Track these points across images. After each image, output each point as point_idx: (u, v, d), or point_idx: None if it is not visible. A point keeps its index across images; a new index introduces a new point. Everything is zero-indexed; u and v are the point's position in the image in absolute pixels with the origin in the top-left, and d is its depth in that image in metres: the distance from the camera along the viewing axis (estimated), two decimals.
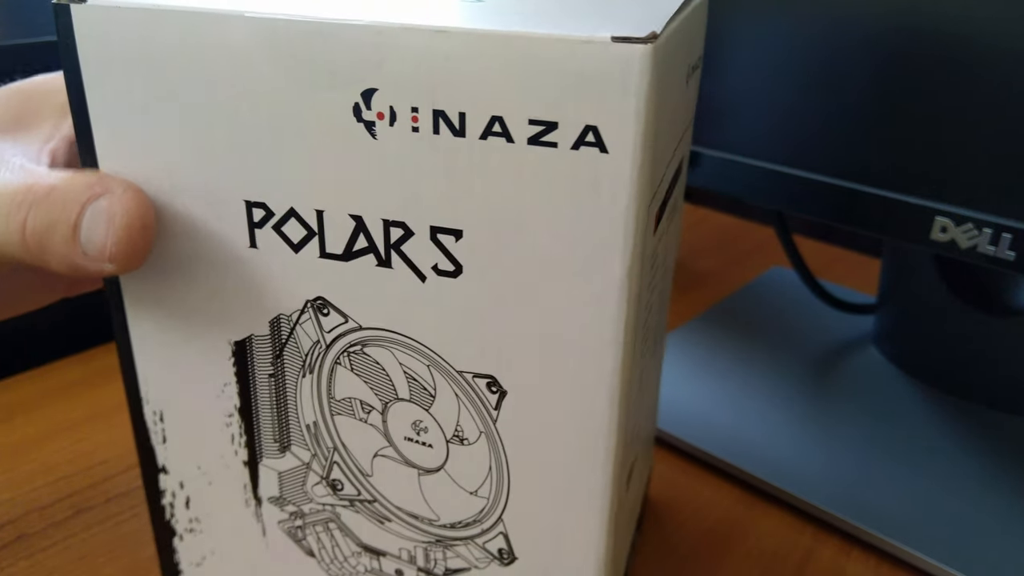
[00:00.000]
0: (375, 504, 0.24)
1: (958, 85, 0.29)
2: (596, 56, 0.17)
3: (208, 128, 0.21)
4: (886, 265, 0.42)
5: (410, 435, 0.23)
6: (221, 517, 0.26)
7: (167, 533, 0.27)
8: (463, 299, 0.21)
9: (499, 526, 0.23)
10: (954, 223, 0.30)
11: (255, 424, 0.24)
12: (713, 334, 0.44)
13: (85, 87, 0.21)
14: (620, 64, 0.17)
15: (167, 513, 0.27)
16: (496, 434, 0.22)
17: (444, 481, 0.23)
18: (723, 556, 0.31)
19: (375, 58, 0.19)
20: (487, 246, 0.20)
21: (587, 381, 0.21)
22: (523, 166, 0.19)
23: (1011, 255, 0.28)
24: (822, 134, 0.33)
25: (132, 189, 0.22)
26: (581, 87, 0.18)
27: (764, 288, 0.50)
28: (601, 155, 0.18)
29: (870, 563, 0.31)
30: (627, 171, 0.18)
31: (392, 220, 0.20)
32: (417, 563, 0.25)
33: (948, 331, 0.39)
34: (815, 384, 0.40)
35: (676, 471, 0.35)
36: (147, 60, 0.20)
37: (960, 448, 0.36)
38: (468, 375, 0.22)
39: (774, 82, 0.34)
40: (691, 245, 0.59)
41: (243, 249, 0.22)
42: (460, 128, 0.19)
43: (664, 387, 0.39)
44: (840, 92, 0.32)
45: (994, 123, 0.28)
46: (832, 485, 0.33)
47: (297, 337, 0.23)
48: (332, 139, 0.20)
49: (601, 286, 0.20)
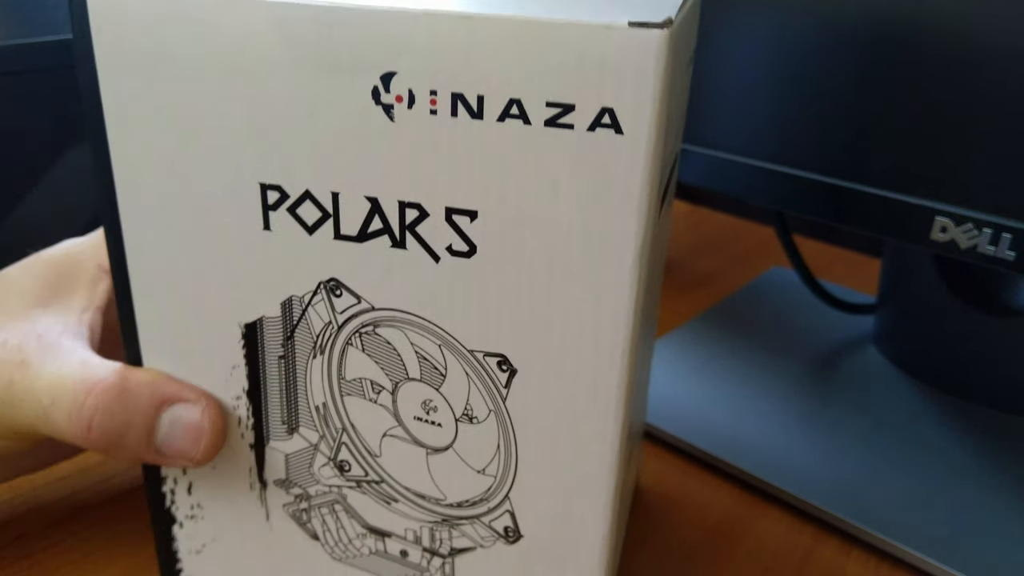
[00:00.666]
0: (382, 484, 0.25)
1: (958, 84, 0.29)
2: (614, 41, 0.18)
3: (224, 112, 0.21)
4: (886, 265, 0.43)
5: (420, 414, 0.23)
6: (224, 502, 0.26)
7: (166, 520, 0.27)
8: (476, 279, 0.21)
9: (506, 504, 0.24)
10: (954, 223, 0.30)
11: (263, 406, 0.25)
12: (713, 334, 0.45)
13: (99, 74, 0.22)
14: (637, 48, 0.18)
15: (167, 500, 0.27)
16: (505, 412, 0.23)
17: (452, 460, 0.24)
18: (723, 556, 0.31)
19: (396, 43, 0.19)
20: (501, 227, 0.21)
21: (597, 360, 0.21)
22: (539, 148, 0.19)
23: (1011, 255, 0.28)
24: (822, 134, 0.33)
25: (213, 402, 0.24)
26: (598, 70, 0.18)
27: (764, 288, 0.50)
28: (617, 136, 0.19)
29: (870, 563, 0.31)
30: (642, 152, 0.19)
31: (407, 202, 0.21)
32: (423, 543, 0.25)
33: (948, 331, 0.39)
34: (815, 384, 0.40)
35: (676, 471, 0.36)
36: (163, 46, 0.21)
37: (960, 448, 0.36)
38: (479, 354, 0.22)
39: (774, 82, 0.34)
40: (691, 245, 0.59)
41: (256, 231, 0.22)
42: (478, 111, 0.19)
43: (664, 387, 0.39)
44: (840, 92, 0.32)
45: (994, 123, 0.28)
46: (832, 485, 0.33)
47: (309, 318, 0.23)
48: (350, 122, 0.20)
49: (614, 266, 0.20)
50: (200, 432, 0.24)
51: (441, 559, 0.25)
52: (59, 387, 0.24)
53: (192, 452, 0.24)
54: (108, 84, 0.22)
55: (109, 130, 0.22)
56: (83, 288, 0.28)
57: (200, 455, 0.24)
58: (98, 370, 0.24)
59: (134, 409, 0.24)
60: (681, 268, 0.55)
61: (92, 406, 0.23)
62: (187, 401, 0.24)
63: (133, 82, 0.21)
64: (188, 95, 0.21)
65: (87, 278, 0.28)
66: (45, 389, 0.24)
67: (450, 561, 0.25)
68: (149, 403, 0.24)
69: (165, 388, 0.24)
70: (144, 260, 0.23)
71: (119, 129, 0.22)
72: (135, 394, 0.24)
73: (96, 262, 0.28)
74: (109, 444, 0.24)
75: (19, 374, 0.24)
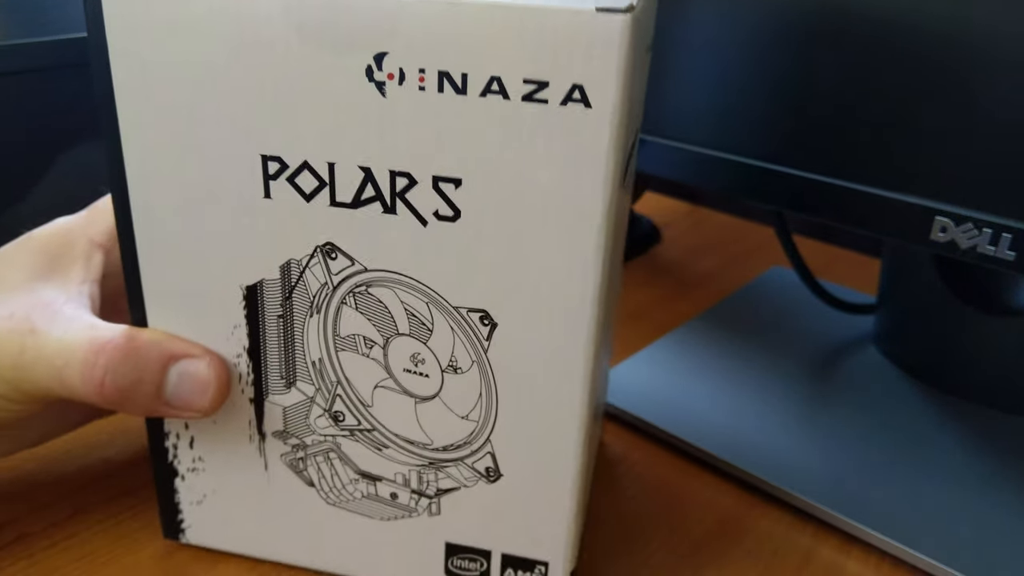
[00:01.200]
0: (374, 432, 0.27)
1: (958, 84, 0.29)
2: (583, 24, 0.21)
3: (228, 89, 0.23)
4: (886, 265, 0.43)
5: (409, 367, 0.26)
6: (225, 454, 0.29)
7: (169, 474, 0.30)
8: (461, 241, 0.24)
9: (487, 446, 0.27)
10: (954, 223, 0.30)
11: (263, 363, 0.27)
12: (713, 334, 0.45)
13: (110, 54, 0.24)
14: (604, 31, 0.21)
15: (170, 455, 0.29)
16: (487, 362, 0.26)
17: (438, 407, 0.27)
18: (723, 556, 0.31)
19: (388, 25, 0.22)
20: (483, 193, 0.23)
21: (568, 311, 0.24)
22: (517, 120, 0.22)
23: (1011, 255, 0.29)
24: (822, 134, 0.33)
25: (216, 357, 0.27)
26: (569, 51, 0.21)
27: (764, 288, 0.50)
28: (586, 110, 0.22)
29: (870, 563, 0.31)
30: (607, 123, 0.22)
31: (398, 171, 0.24)
32: (411, 485, 0.28)
33: (948, 331, 0.39)
34: (815, 384, 0.40)
35: (676, 470, 0.36)
36: (171, 27, 0.23)
37: (960, 448, 0.36)
38: (463, 310, 0.25)
39: (774, 82, 0.34)
40: (691, 245, 0.59)
41: (258, 199, 0.25)
42: (462, 87, 0.22)
43: (664, 386, 0.40)
44: (839, 92, 0.32)
45: (994, 123, 0.28)
46: (832, 485, 0.34)
47: (306, 280, 0.26)
48: (345, 98, 0.23)
49: (584, 224, 0.23)
50: (207, 384, 0.27)
51: (428, 499, 0.28)
52: (70, 349, 0.26)
53: (200, 403, 0.27)
54: (117, 65, 0.24)
55: (119, 102, 0.24)
56: (79, 261, 0.29)
57: (208, 405, 0.27)
58: (106, 332, 0.26)
59: (144, 366, 0.26)
60: (681, 268, 0.56)
61: (103, 364, 0.26)
62: (193, 356, 0.27)
63: (141, 63, 0.24)
64: (195, 71, 0.23)
65: (81, 252, 0.30)
66: (57, 352, 0.26)
67: (436, 501, 0.28)
68: (158, 359, 0.26)
69: (172, 345, 0.26)
70: (150, 227, 0.26)
71: (128, 102, 0.24)
72: (144, 352, 0.26)
73: (88, 237, 0.30)
74: (122, 399, 0.26)
75: (30, 340, 0.26)
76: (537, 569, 0.28)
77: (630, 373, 0.42)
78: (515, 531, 0.28)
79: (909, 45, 0.31)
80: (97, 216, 0.31)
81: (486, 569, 0.29)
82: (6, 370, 0.27)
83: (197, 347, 0.27)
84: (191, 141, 0.24)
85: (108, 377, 0.26)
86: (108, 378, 0.26)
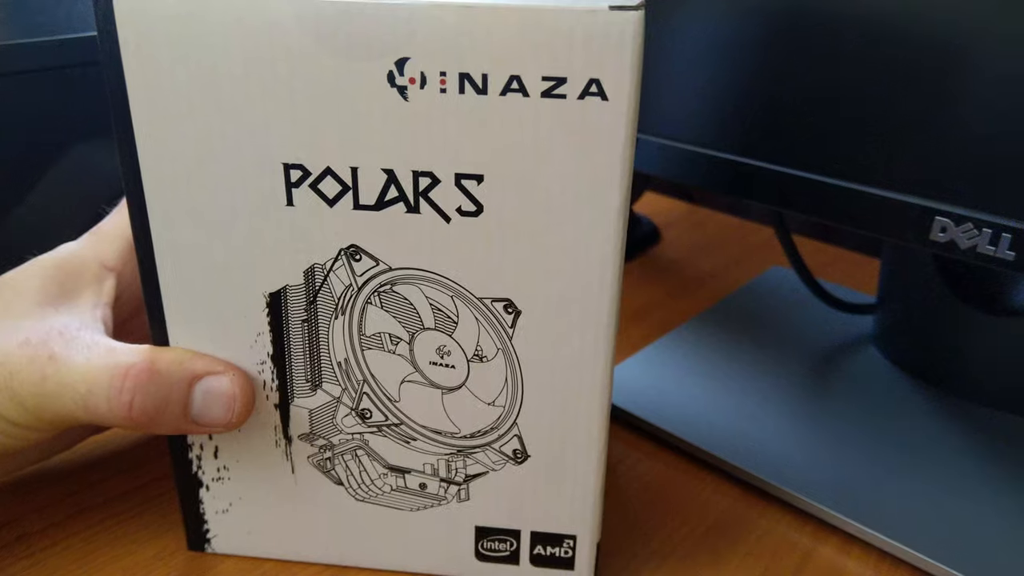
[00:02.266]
0: (401, 427, 0.28)
1: (958, 84, 0.29)
2: (598, 22, 0.22)
3: (247, 99, 0.24)
4: (886, 265, 0.43)
5: (435, 359, 0.27)
6: (250, 461, 0.29)
7: (193, 485, 0.30)
8: (483, 235, 0.25)
9: (514, 429, 0.28)
10: (954, 223, 0.30)
11: (287, 368, 0.28)
12: (713, 334, 0.45)
13: (124, 66, 0.24)
14: (618, 27, 0.22)
15: (194, 466, 0.30)
16: (512, 349, 0.27)
17: (465, 396, 0.28)
18: (723, 556, 0.31)
19: (408, 31, 0.23)
20: (505, 187, 0.25)
21: (589, 293, 0.26)
22: (537, 116, 0.24)
23: (1011, 255, 0.29)
24: (821, 134, 0.33)
25: (239, 370, 0.27)
26: (586, 47, 0.23)
27: (764, 288, 0.51)
28: (602, 103, 0.23)
29: (870, 562, 0.31)
30: (623, 114, 0.23)
31: (421, 170, 0.25)
32: (440, 474, 0.29)
33: (948, 331, 0.39)
34: (815, 384, 0.40)
35: (676, 470, 0.36)
36: (187, 39, 0.23)
37: (960, 448, 0.36)
38: (487, 300, 0.26)
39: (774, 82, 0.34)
40: (691, 245, 0.60)
41: (280, 208, 0.25)
42: (483, 87, 0.23)
43: (664, 386, 0.40)
44: (839, 92, 0.32)
45: (994, 123, 0.28)
46: (832, 485, 0.34)
47: (330, 283, 0.26)
48: (367, 103, 0.24)
49: (601, 213, 0.25)
50: (232, 399, 0.27)
51: (457, 486, 0.29)
52: (93, 375, 0.26)
53: (226, 418, 0.27)
54: (132, 78, 0.24)
55: (134, 115, 0.24)
56: (90, 286, 0.29)
57: (235, 419, 0.27)
58: (128, 355, 0.26)
59: (169, 386, 0.26)
60: (681, 268, 0.56)
61: (130, 388, 0.26)
62: (216, 373, 0.27)
63: (157, 74, 0.24)
64: (210, 85, 0.24)
65: (92, 276, 0.30)
66: (80, 379, 0.26)
67: (465, 487, 0.29)
68: (182, 379, 0.26)
69: (194, 364, 0.27)
70: (170, 241, 0.26)
71: (144, 115, 0.24)
72: (167, 372, 0.26)
73: (98, 260, 0.30)
74: (150, 421, 0.26)
75: (51, 368, 0.26)
76: (566, 543, 0.29)
77: (630, 373, 0.42)
78: (543, 508, 0.29)
79: (909, 45, 0.31)
80: (104, 239, 0.31)
81: (515, 548, 0.30)
82: (28, 398, 0.26)
83: (219, 362, 0.27)
84: (210, 153, 0.25)
85: (136, 401, 0.26)
86: (136, 402, 0.26)
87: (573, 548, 0.30)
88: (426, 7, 0.23)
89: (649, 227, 0.62)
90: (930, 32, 0.30)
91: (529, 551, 0.30)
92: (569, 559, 0.30)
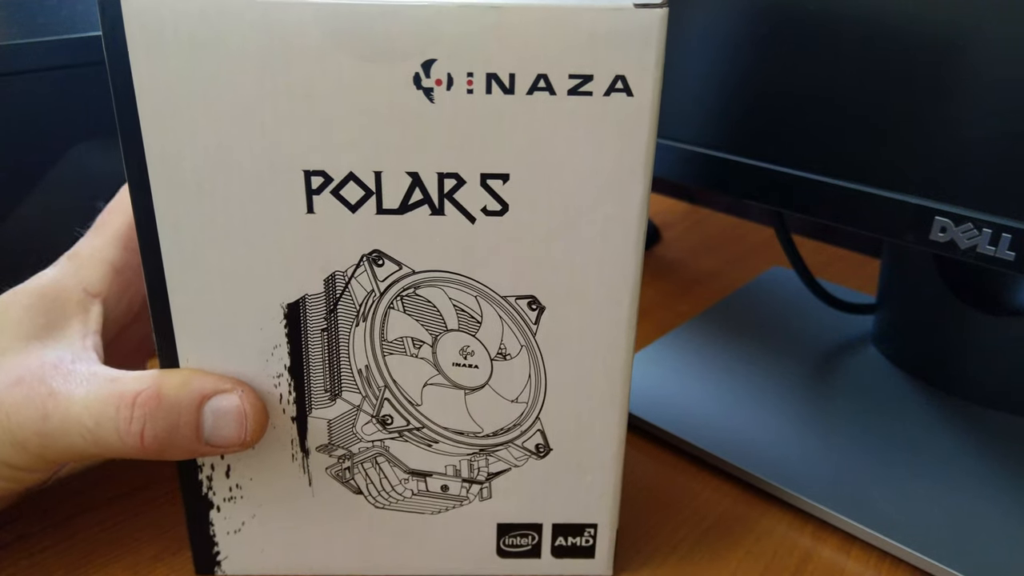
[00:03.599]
0: (423, 430, 0.28)
1: (958, 84, 0.29)
2: (624, 20, 0.23)
3: (267, 105, 0.23)
4: (886, 265, 0.43)
5: (458, 360, 0.27)
6: (266, 477, 0.29)
7: (203, 507, 0.29)
8: (508, 233, 0.25)
9: (536, 424, 0.28)
10: (954, 223, 0.30)
11: (305, 379, 0.27)
12: (713, 334, 0.45)
13: (132, 71, 0.23)
14: (643, 24, 0.23)
15: (204, 487, 0.29)
16: (535, 345, 0.27)
17: (488, 395, 0.28)
18: (723, 556, 0.31)
19: (435, 33, 0.23)
20: (530, 184, 0.25)
21: (611, 286, 0.26)
22: (563, 114, 0.24)
23: (1011, 255, 0.29)
24: (821, 134, 0.33)
25: (250, 389, 0.26)
26: (612, 45, 0.23)
27: (764, 288, 0.51)
28: (628, 99, 0.24)
29: (870, 562, 0.31)
30: (647, 110, 0.24)
31: (446, 172, 0.25)
32: (462, 475, 0.29)
33: (948, 331, 0.39)
34: (815, 384, 0.40)
35: (676, 470, 0.36)
36: (203, 43, 0.23)
37: (960, 448, 0.36)
38: (512, 298, 0.26)
39: (773, 82, 0.34)
40: (691, 245, 0.60)
41: (300, 216, 0.25)
42: (510, 87, 0.24)
43: (664, 386, 0.40)
44: (839, 92, 0.32)
45: (994, 122, 0.28)
46: (832, 485, 0.34)
47: (352, 290, 0.26)
48: (392, 107, 0.24)
49: (625, 205, 0.25)
50: (243, 416, 0.26)
51: (479, 485, 0.29)
52: (99, 407, 0.25)
53: (240, 436, 0.26)
54: (142, 77, 0.23)
55: (144, 127, 0.24)
56: (75, 315, 0.28)
57: (249, 437, 0.26)
58: (132, 383, 0.26)
59: (178, 410, 0.25)
60: (681, 268, 0.56)
61: (140, 417, 0.25)
62: (224, 391, 0.26)
63: (168, 82, 0.23)
64: (231, 87, 0.23)
65: (76, 304, 0.28)
66: (85, 413, 0.25)
67: (487, 485, 0.29)
68: (190, 401, 0.26)
69: (201, 383, 0.26)
70: (180, 253, 0.25)
71: (155, 125, 0.24)
72: (175, 396, 0.25)
73: (81, 287, 0.29)
74: (162, 448, 0.26)
75: (51, 405, 0.25)
76: (586, 532, 0.30)
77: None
78: (564, 500, 0.29)
79: (908, 45, 0.31)
80: (84, 263, 0.29)
81: (537, 541, 0.30)
82: (30, 438, 0.25)
83: (227, 380, 0.26)
84: (225, 161, 0.24)
85: (147, 429, 0.25)
86: (147, 430, 0.25)
87: (594, 536, 0.30)
88: (454, 8, 0.23)
89: (649, 227, 0.62)
90: (930, 32, 0.30)
91: (551, 543, 0.30)
92: (590, 547, 0.30)
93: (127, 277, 0.30)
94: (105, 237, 0.30)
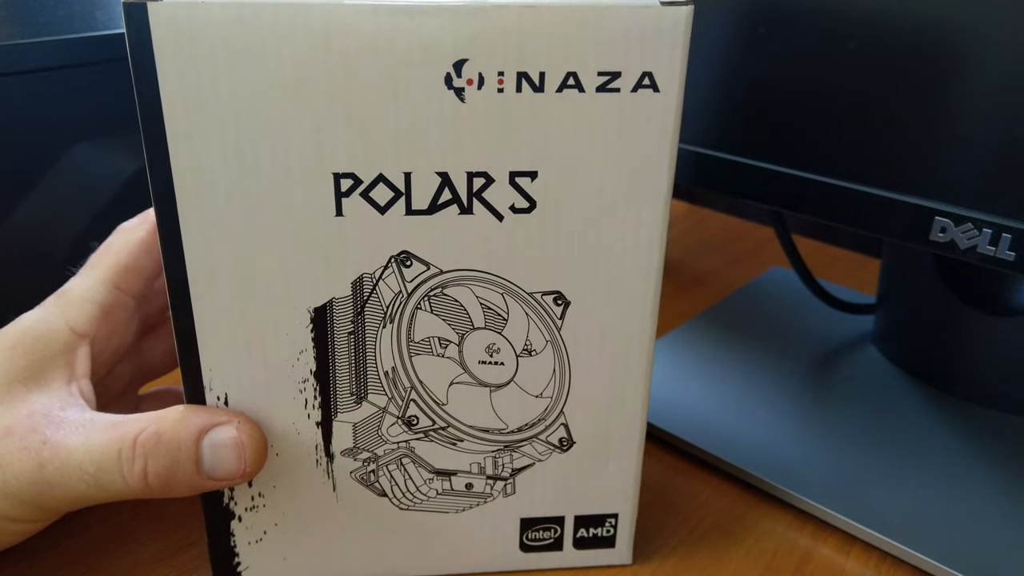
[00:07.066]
0: (448, 429, 0.28)
1: (958, 84, 0.29)
2: (652, 17, 0.24)
3: (297, 108, 0.23)
4: (886, 265, 0.43)
5: (484, 358, 0.27)
6: (288, 485, 0.29)
7: (224, 517, 0.29)
8: (536, 230, 0.26)
9: (560, 418, 0.29)
10: (954, 223, 0.30)
11: (331, 383, 0.27)
12: (713, 334, 0.45)
13: (159, 75, 0.23)
14: (670, 22, 0.24)
15: (225, 497, 0.29)
16: (560, 340, 0.27)
17: (513, 392, 0.28)
18: (723, 556, 0.31)
19: (468, 33, 0.23)
20: (558, 181, 0.25)
21: (635, 281, 0.27)
22: (591, 110, 0.25)
23: (1011, 255, 0.29)
24: (821, 134, 0.33)
25: (246, 419, 0.26)
26: (640, 42, 0.24)
27: (764, 288, 0.51)
28: (654, 95, 0.24)
29: (870, 562, 0.31)
30: (673, 105, 0.25)
31: (476, 171, 0.25)
32: (486, 472, 0.29)
33: (948, 331, 0.39)
34: (815, 384, 0.41)
35: (676, 471, 0.36)
36: (233, 47, 0.23)
37: (960, 448, 0.36)
38: (538, 294, 0.27)
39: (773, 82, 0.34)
40: (691, 245, 0.60)
41: (328, 219, 0.25)
42: (540, 85, 0.24)
43: (664, 387, 0.40)
44: (839, 92, 0.32)
45: (994, 123, 0.28)
46: (832, 485, 0.34)
47: (379, 292, 0.26)
48: (423, 107, 0.24)
49: (649, 199, 0.26)
50: (240, 447, 0.26)
51: (503, 481, 0.29)
52: (99, 452, 0.25)
53: (239, 468, 0.26)
54: (170, 81, 0.23)
55: (169, 129, 0.23)
56: (61, 356, 0.28)
57: (248, 468, 0.26)
58: (131, 425, 0.26)
59: (177, 445, 0.26)
60: (681, 268, 0.56)
61: (141, 456, 0.25)
62: (220, 424, 0.26)
63: (199, 85, 0.23)
64: (261, 90, 0.23)
65: (61, 346, 0.28)
66: (86, 460, 0.25)
67: (511, 481, 0.29)
68: (187, 436, 0.26)
69: (197, 418, 0.26)
70: (205, 259, 0.25)
71: (182, 134, 0.24)
72: (173, 432, 0.26)
73: (68, 327, 0.28)
74: (165, 486, 0.26)
75: (47, 453, 0.25)
76: (607, 522, 0.31)
77: None
78: (586, 492, 0.30)
79: (908, 45, 0.31)
80: (73, 303, 0.29)
81: (559, 534, 0.31)
82: (26, 489, 0.25)
83: (223, 412, 0.26)
84: (253, 165, 0.24)
85: (149, 468, 0.25)
86: (149, 469, 0.25)
87: (615, 526, 0.31)
88: (486, 8, 0.23)
89: None
90: (930, 32, 0.30)
91: (573, 535, 0.31)
92: (611, 537, 0.31)
93: (116, 317, 0.30)
94: (95, 278, 0.29)
